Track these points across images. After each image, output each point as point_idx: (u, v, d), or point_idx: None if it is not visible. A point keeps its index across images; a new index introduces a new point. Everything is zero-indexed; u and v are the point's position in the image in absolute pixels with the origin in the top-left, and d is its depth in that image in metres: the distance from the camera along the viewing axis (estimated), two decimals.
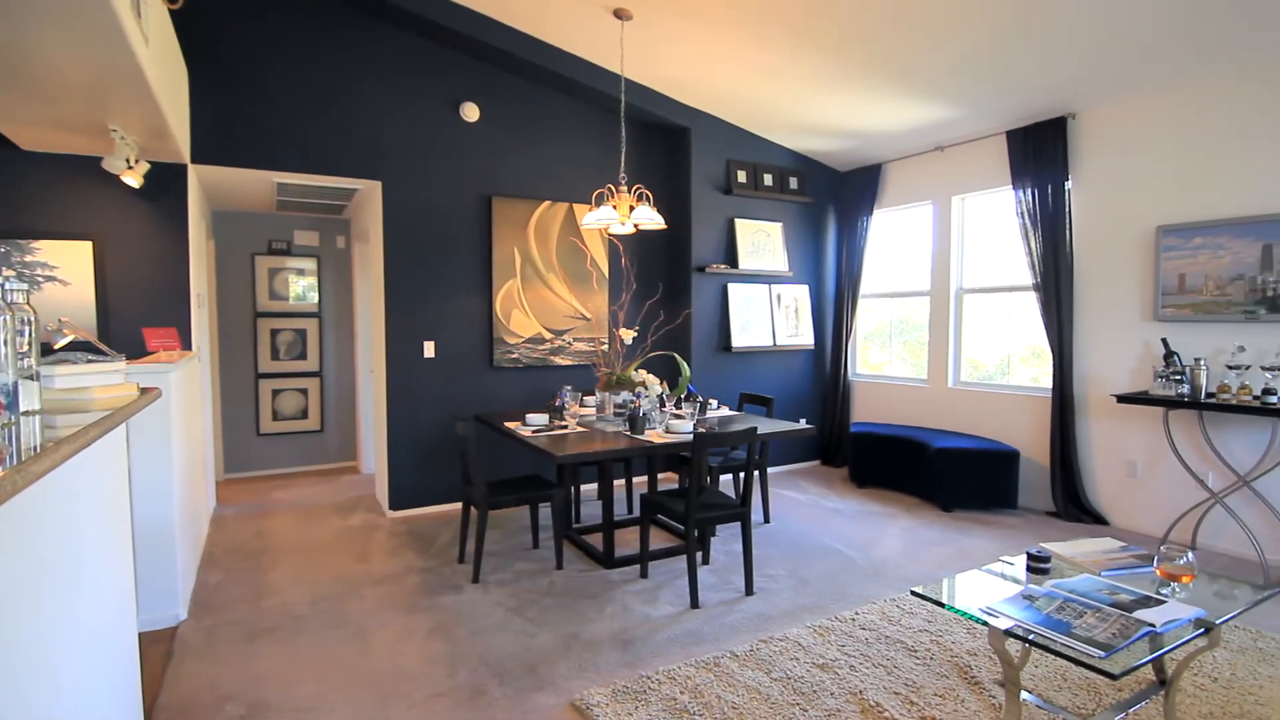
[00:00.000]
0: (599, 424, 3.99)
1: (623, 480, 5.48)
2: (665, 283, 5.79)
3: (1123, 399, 4.10)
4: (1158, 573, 2.18)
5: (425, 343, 4.83)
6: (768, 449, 4.80)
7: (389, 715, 2.42)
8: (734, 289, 5.84)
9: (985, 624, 1.91)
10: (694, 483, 3.28)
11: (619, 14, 4.11)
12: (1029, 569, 2.30)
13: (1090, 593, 2.04)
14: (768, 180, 5.95)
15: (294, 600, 3.40)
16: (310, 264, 6.20)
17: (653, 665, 2.74)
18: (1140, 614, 1.89)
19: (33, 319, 1.40)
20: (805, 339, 6.22)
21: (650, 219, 3.97)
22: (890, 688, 2.55)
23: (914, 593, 2.16)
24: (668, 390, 4.24)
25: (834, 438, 6.33)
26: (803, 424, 4.03)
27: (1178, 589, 2.12)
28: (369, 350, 5.92)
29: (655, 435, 3.66)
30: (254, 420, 6.07)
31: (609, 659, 2.80)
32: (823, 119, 5.36)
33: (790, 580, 3.65)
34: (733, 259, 5.82)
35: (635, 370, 4.18)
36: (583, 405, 4.46)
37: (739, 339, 5.81)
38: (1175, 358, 4.00)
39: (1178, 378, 3.93)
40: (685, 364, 4.58)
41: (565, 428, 3.86)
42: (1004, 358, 5.42)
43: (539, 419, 3.97)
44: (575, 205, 5.32)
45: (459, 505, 4.99)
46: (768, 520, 4.67)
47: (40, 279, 3.81)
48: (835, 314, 6.40)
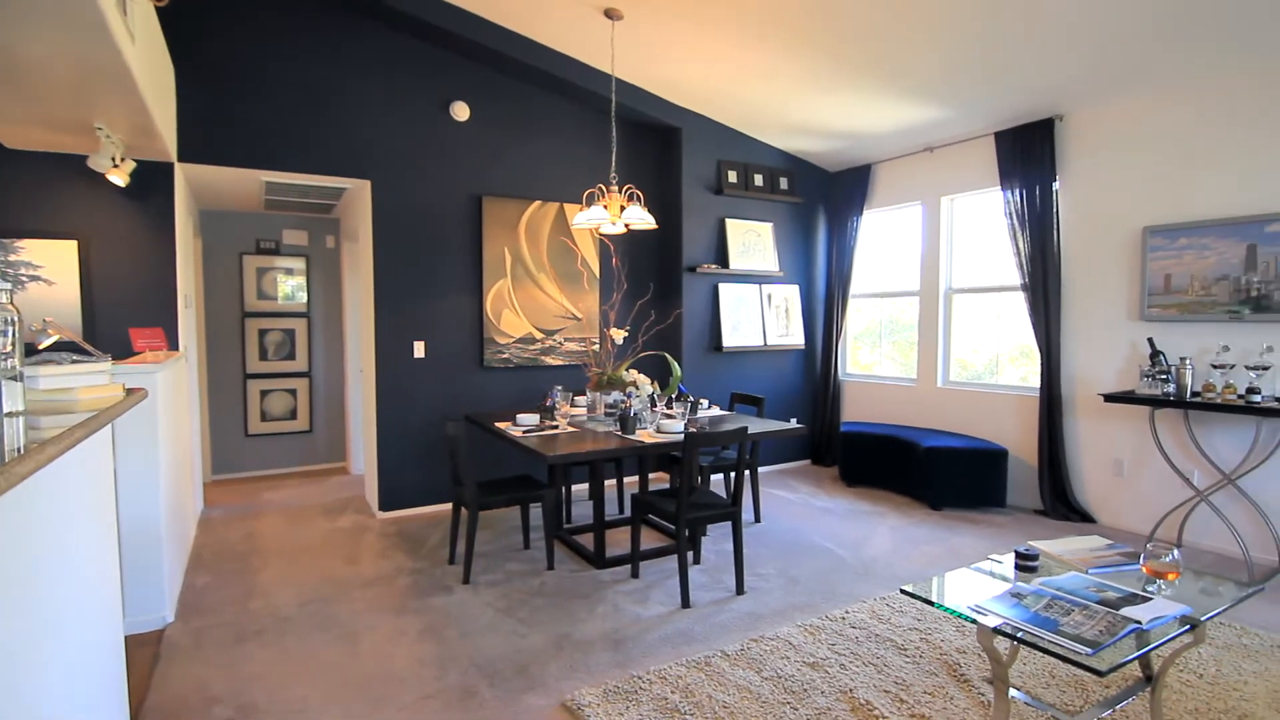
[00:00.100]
0: (590, 424, 3.99)
1: (614, 480, 5.48)
2: (656, 283, 5.79)
3: (1109, 398, 4.14)
4: (1144, 570, 2.20)
5: (415, 343, 4.81)
6: (758, 448, 4.81)
7: (378, 717, 2.41)
8: (725, 289, 5.85)
9: (974, 622, 1.92)
10: (685, 482, 3.28)
11: (609, 14, 4.11)
12: (1017, 567, 2.31)
13: (1078, 590, 2.05)
14: (758, 180, 5.97)
15: (283, 602, 3.38)
16: (299, 263, 6.16)
17: (644, 665, 2.74)
18: (1127, 611, 1.90)
19: (16, 319, 1.39)
20: (796, 339, 6.24)
21: (641, 219, 3.97)
22: (880, 686, 2.57)
23: (903, 591, 2.17)
24: (659, 390, 4.24)
25: (824, 437, 6.36)
26: (793, 424, 4.04)
27: (1164, 586, 2.14)
28: (358, 350, 5.89)
29: (646, 435, 3.66)
30: (242, 421, 6.03)
31: (600, 659, 2.80)
32: (813, 119, 5.38)
33: (781, 579, 3.66)
34: (723, 259, 5.83)
35: (626, 370, 4.18)
36: (574, 405, 4.45)
37: (730, 339, 5.82)
38: (1161, 357, 4.04)
39: (1163, 377, 3.97)
40: (676, 364, 4.59)
41: (556, 428, 3.86)
42: (992, 357, 5.45)
43: (530, 419, 3.97)
44: (566, 205, 5.31)
45: (449, 506, 4.98)
46: (758, 519, 4.68)
47: (24, 278, 3.77)
48: (825, 314, 6.43)
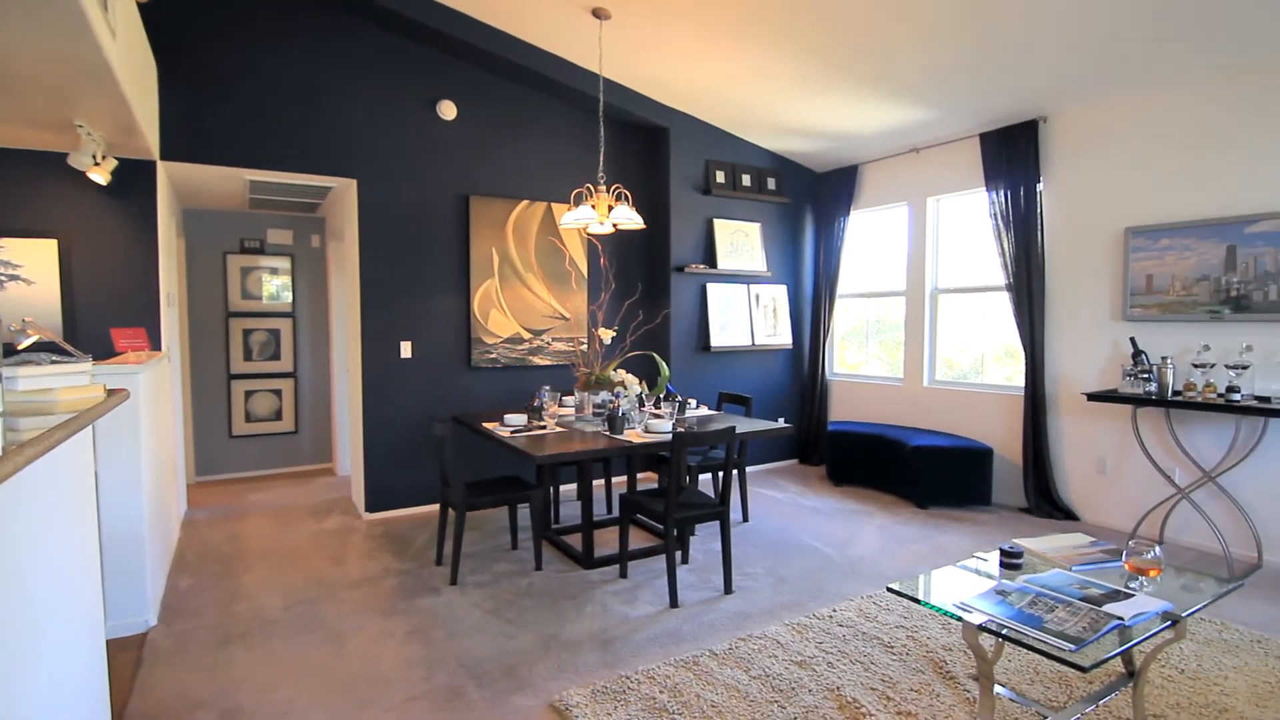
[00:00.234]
0: (578, 424, 3.98)
1: (602, 480, 5.47)
2: (644, 282, 5.79)
3: (1093, 397, 4.18)
4: (1126, 567, 2.23)
5: (402, 343, 4.78)
6: (746, 448, 4.82)
7: (365, 719, 2.39)
8: (713, 289, 5.86)
9: (959, 619, 1.94)
10: (673, 482, 3.28)
11: (597, 13, 4.10)
12: (1002, 564, 2.34)
13: (1061, 587, 2.07)
14: (746, 181, 5.98)
15: (268, 604, 3.35)
16: (284, 263, 6.11)
17: (632, 665, 2.74)
18: (1109, 607, 1.92)
19: None
20: (783, 339, 6.26)
21: (629, 219, 3.97)
22: (867, 684, 2.58)
23: (890, 589, 2.18)
24: (647, 390, 4.24)
25: (812, 436, 6.38)
26: (781, 423, 4.06)
27: (1146, 583, 2.17)
28: (344, 350, 5.85)
29: (634, 435, 3.66)
30: (226, 422, 5.97)
31: (588, 659, 2.79)
32: (800, 120, 5.40)
33: (769, 578, 3.67)
34: (711, 259, 5.84)
35: (614, 370, 4.18)
36: (561, 405, 4.45)
37: (718, 339, 5.83)
38: (1143, 357, 4.09)
39: (1145, 376, 4.02)
40: (664, 364, 4.59)
41: (544, 428, 3.85)
42: (978, 357, 5.50)
43: (517, 419, 3.95)
44: (554, 205, 5.30)
45: (436, 507, 4.95)
46: (746, 519, 4.69)
47: (3, 278, 3.71)
48: (813, 314, 6.45)
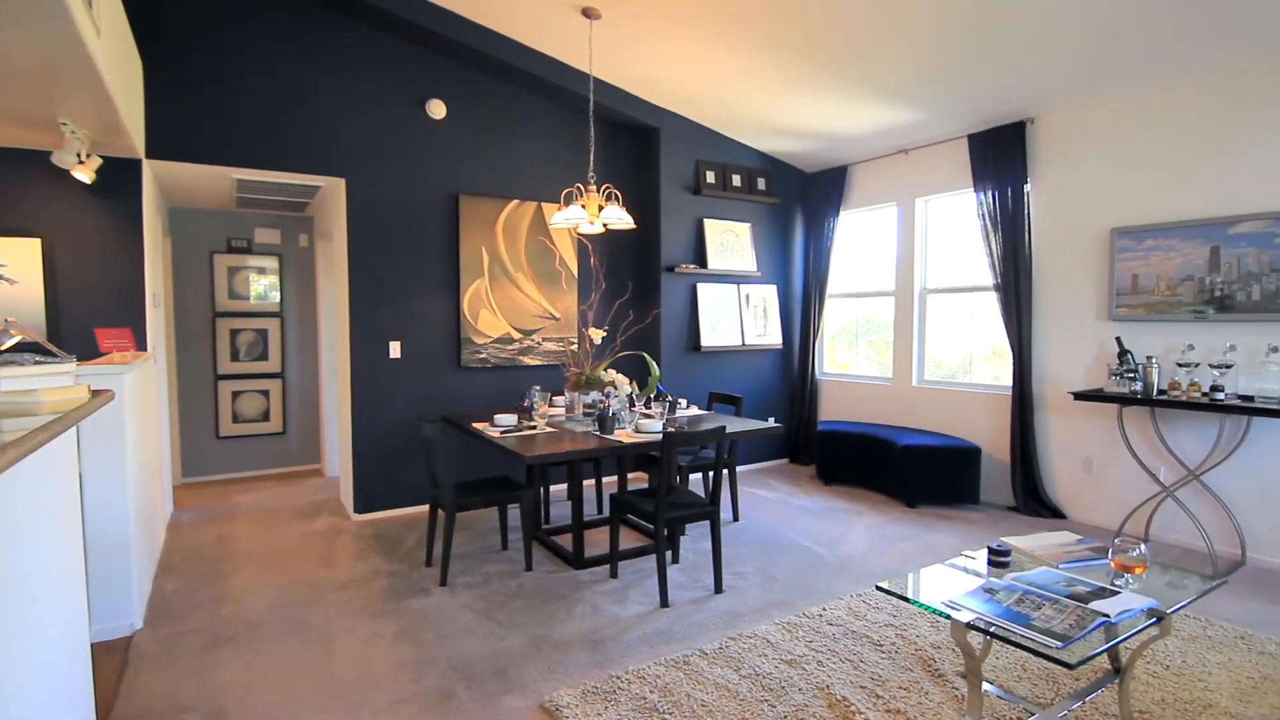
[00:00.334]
0: (568, 424, 3.98)
1: (592, 480, 5.47)
2: (634, 282, 5.79)
3: (1079, 396, 4.22)
4: (1112, 564, 2.25)
5: (391, 343, 4.76)
6: (736, 448, 4.83)
7: None
8: (703, 289, 5.87)
9: (948, 617, 1.95)
10: (663, 482, 3.28)
11: (587, 13, 4.10)
12: (990, 562, 2.35)
13: (1048, 585, 2.09)
14: (736, 181, 5.99)
15: (255, 607, 3.32)
16: (271, 262, 6.06)
17: (622, 665, 2.73)
18: (1095, 605, 1.94)
19: None
20: (773, 339, 6.27)
21: (619, 219, 3.96)
22: (856, 682, 2.59)
23: (879, 588, 2.19)
24: (637, 390, 4.24)
25: (802, 436, 6.40)
26: (771, 423, 4.07)
27: (1131, 580, 2.19)
28: (333, 351, 5.82)
29: (625, 435, 3.66)
30: (213, 423, 5.92)
31: (578, 660, 2.79)
32: (790, 120, 5.42)
33: (759, 578, 3.67)
34: (702, 259, 5.84)
35: (604, 370, 4.18)
36: (552, 405, 4.44)
37: (708, 338, 5.84)
38: (1129, 356, 4.13)
39: (1131, 376, 4.06)
40: (654, 363, 4.59)
41: (534, 428, 3.84)
42: (966, 357, 5.53)
43: (507, 419, 3.94)
44: (544, 204, 5.29)
45: (426, 508, 4.93)
46: (737, 518, 4.70)
47: None
48: (803, 314, 6.47)
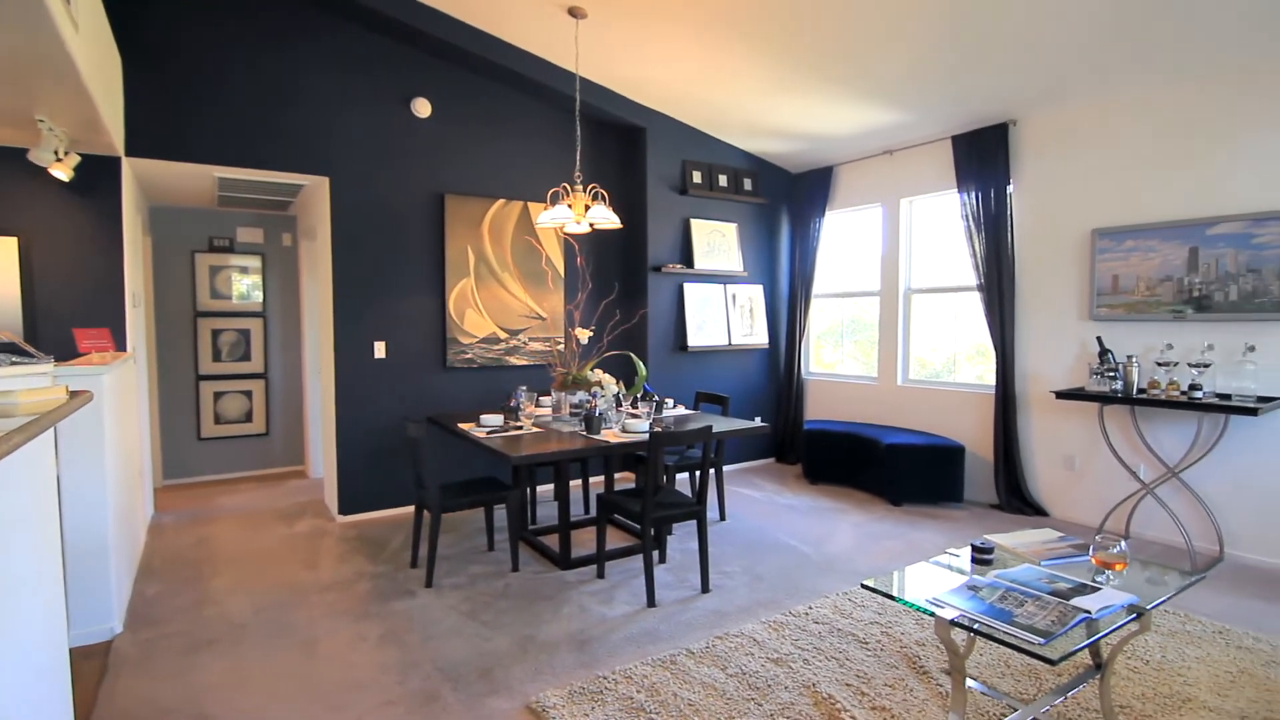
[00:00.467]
0: (555, 424, 3.97)
1: (579, 480, 5.46)
2: (621, 282, 5.79)
3: (1061, 395, 4.27)
4: (1093, 561, 2.28)
5: (376, 343, 4.72)
6: (723, 447, 4.84)
7: None
8: (690, 289, 5.88)
9: (932, 615, 1.96)
10: (650, 482, 3.28)
11: (573, 12, 4.09)
12: (973, 560, 2.37)
13: (1031, 582, 2.11)
14: (723, 181, 6.01)
15: (237, 610, 3.29)
16: (254, 262, 6.00)
17: (609, 665, 2.73)
18: (1077, 601, 1.96)
19: None
20: (760, 338, 6.29)
21: (606, 218, 3.96)
22: (842, 679, 2.60)
23: (864, 586, 2.21)
24: (624, 390, 4.24)
25: (788, 435, 6.43)
26: (757, 422, 4.08)
27: (1112, 576, 2.22)
28: (317, 351, 5.77)
29: (611, 435, 3.66)
30: (194, 424, 5.85)
31: (565, 660, 2.78)
32: (776, 121, 5.44)
33: (745, 577, 3.68)
34: (688, 259, 5.85)
35: (591, 370, 4.17)
36: (538, 405, 4.42)
37: (695, 338, 5.84)
38: (1109, 355, 4.18)
39: (1111, 375, 4.11)
40: (641, 363, 4.59)
41: (520, 428, 3.83)
42: (950, 356, 5.58)
43: (494, 420, 3.93)
44: (530, 204, 5.27)
45: (411, 509, 4.90)
46: (723, 518, 4.71)
47: None
48: (789, 314, 6.50)
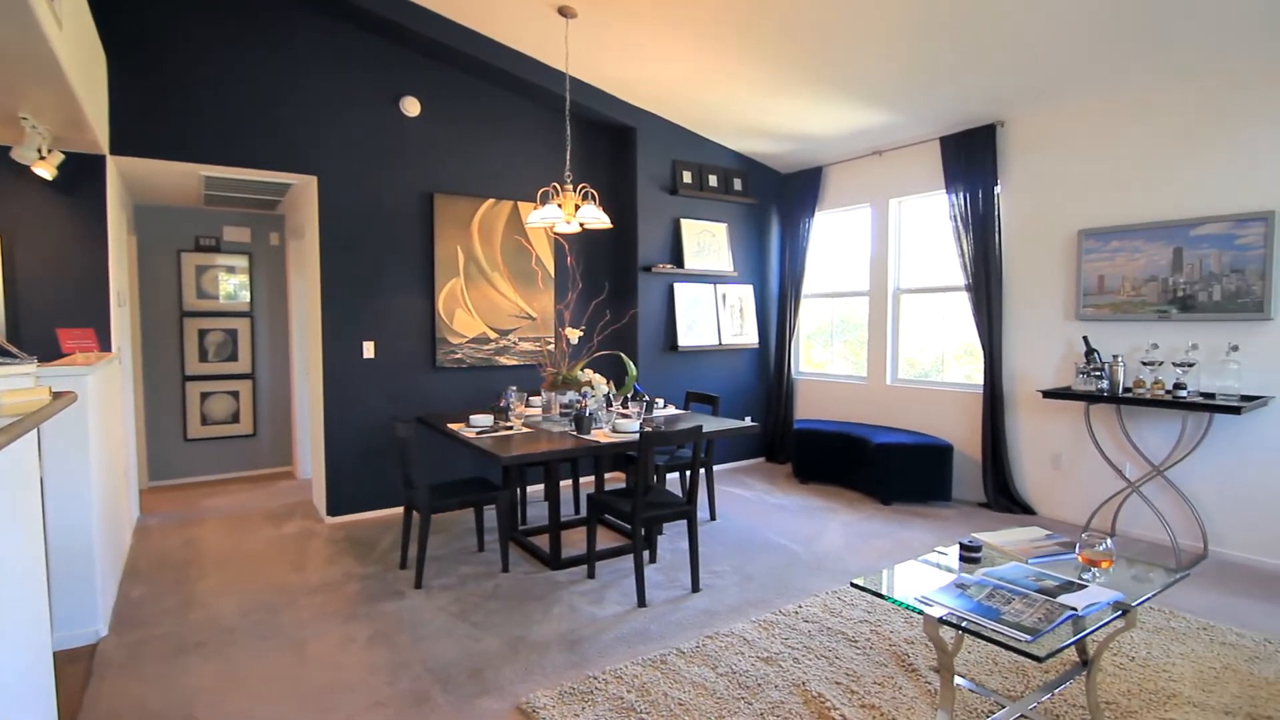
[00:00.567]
0: (545, 424, 3.96)
1: (569, 480, 5.45)
2: (611, 282, 5.79)
3: (1048, 394, 4.30)
4: (1080, 559, 2.29)
5: (364, 343, 4.70)
6: (713, 447, 4.84)
7: None
8: (680, 289, 5.88)
9: (921, 613, 1.97)
10: (640, 482, 3.28)
11: (563, 11, 4.08)
12: (961, 558, 2.39)
13: (1018, 580, 2.12)
14: (712, 181, 6.01)
15: (224, 612, 3.26)
16: (241, 261, 5.96)
17: (600, 665, 2.73)
18: (1064, 598, 1.98)
19: None
20: (750, 338, 6.31)
21: (596, 218, 3.96)
22: (832, 678, 2.61)
23: (854, 584, 2.22)
24: (614, 390, 4.24)
25: (778, 435, 6.45)
26: (748, 422, 4.09)
27: (1098, 574, 2.23)
28: (305, 351, 5.73)
29: (602, 435, 3.65)
30: (181, 425, 5.80)
31: (555, 660, 2.78)
32: (766, 121, 5.45)
33: (736, 576, 3.69)
34: (678, 259, 5.86)
35: (581, 370, 4.17)
36: (528, 405, 4.42)
37: (685, 338, 5.85)
38: (1095, 355, 4.22)
39: (1097, 374, 4.14)
40: (632, 363, 4.59)
41: (510, 428, 3.82)
42: (939, 356, 5.61)
43: (483, 420, 3.92)
44: (520, 203, 5.26)
45: (401, 510, 4.88)
46: (714, 517, 4.71)
47: None
48: (779, 313, 6.51)
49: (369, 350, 4.71)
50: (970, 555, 2.37)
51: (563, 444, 3.44)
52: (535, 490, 5.35)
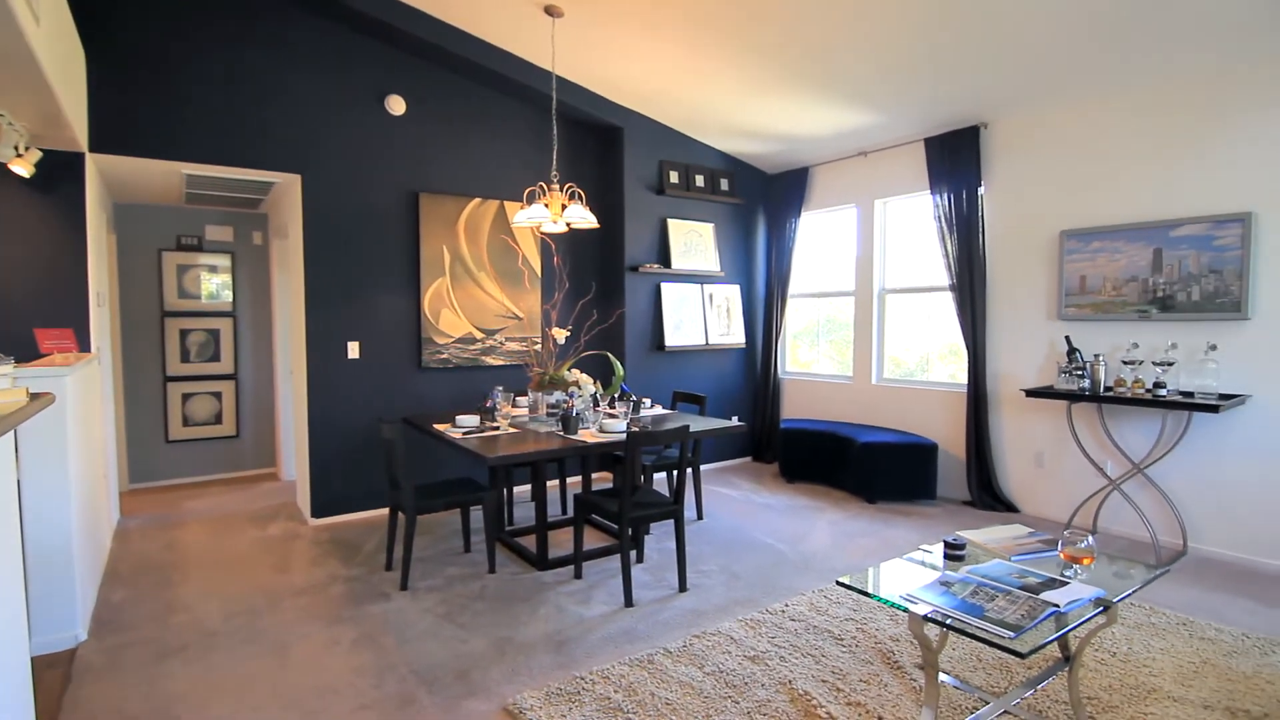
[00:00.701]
0: (532, 424, 3.95)
1: (556, 481, 5.44)
2: (598, 282, 5.78)
3: (1030, 393, 4.35)
4: (1062, 556, 2.32)
5: (349, 343, 4.66)
6: (700, 447, 4.85)
7: None
8: (667, 288, 5.89)
9: (906, 610, 1.98)
10: (627, 482, 3.28)
11: (550, 10, 4.08)
12: (946, 556, 2.40)
13: (1001, 577, 2.14)
14: (699, 181, 6.02)
15: (206, 615, 3.22)
16: (224, 260, 5.90)
17: (587, 665, 2.73)
18: (1046, 595, 2.00)
19: None
20: (736, 338, 6.32)
21: (583, 218, 3.95)
22: (818, 676, 2.62)
23: (840, 583, 2.23)
24: (601, 390, 4.23)
25: (765, 434, 6.47)
26: (734, 421, 4.10)
27: (1080, 571, 2.26)
28: (288, 351, 5.68)
29: (589, 435, 3.65)
30: (162, 426, 5.73)
31: (542, 661, 2.77)
32: (753, 122, 5.46)
33: (722, 575, 3.70)
34: (665, 259, 5.86)
35: (568, 370, 4.16)
36: (515, 406, 4.40)
37: (672, 338, 5.86)
38: (1077, 354, 4.27)
39: (1079, 373, 4.19)
40: (619, 363, 4.59)
41: (497, 429, 3.80)
42: (923, 355, 5.65)
43: (470, 420, 3.90)
44: (506, 203, 5.24)
45: (386, 511, 4.84)
46: (701, 517, 4.72)
47: None
48: (765, 313, 6.54)
49: (354, 350, 4.68)
50: (954, 553, 2.39)
51: (549, 444, 3.43)
52: (522, 491, 5.34)
